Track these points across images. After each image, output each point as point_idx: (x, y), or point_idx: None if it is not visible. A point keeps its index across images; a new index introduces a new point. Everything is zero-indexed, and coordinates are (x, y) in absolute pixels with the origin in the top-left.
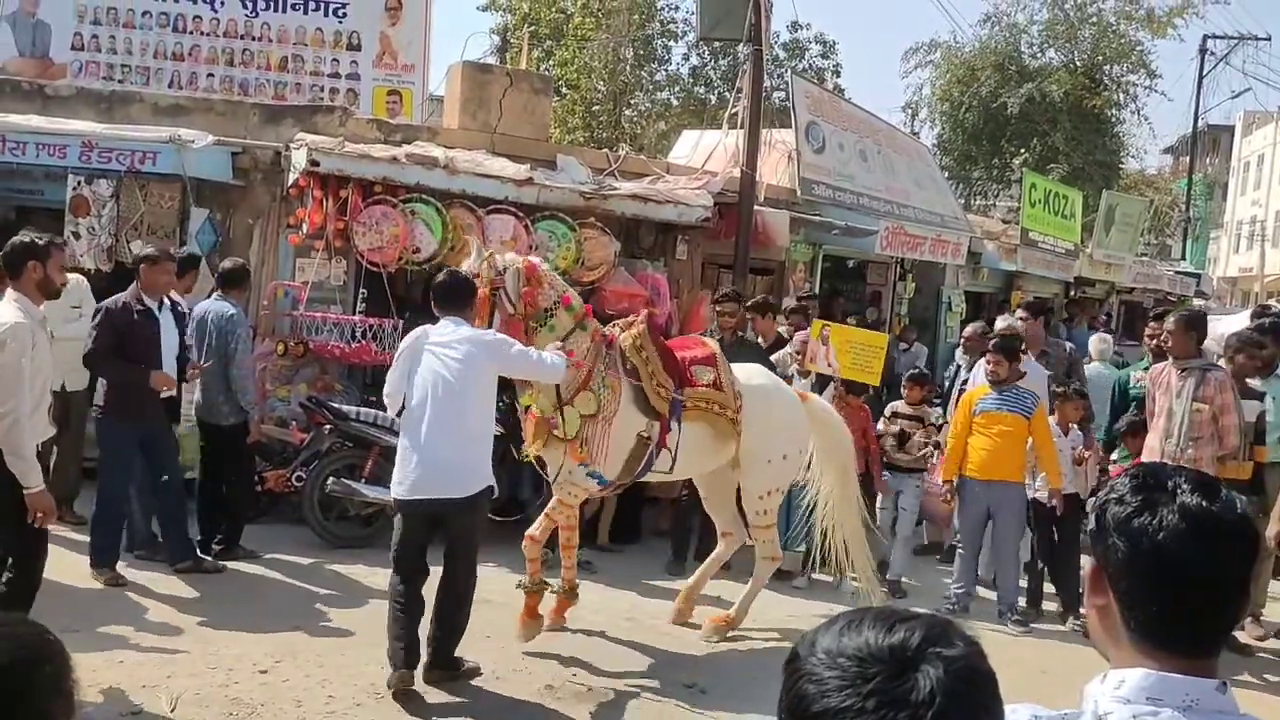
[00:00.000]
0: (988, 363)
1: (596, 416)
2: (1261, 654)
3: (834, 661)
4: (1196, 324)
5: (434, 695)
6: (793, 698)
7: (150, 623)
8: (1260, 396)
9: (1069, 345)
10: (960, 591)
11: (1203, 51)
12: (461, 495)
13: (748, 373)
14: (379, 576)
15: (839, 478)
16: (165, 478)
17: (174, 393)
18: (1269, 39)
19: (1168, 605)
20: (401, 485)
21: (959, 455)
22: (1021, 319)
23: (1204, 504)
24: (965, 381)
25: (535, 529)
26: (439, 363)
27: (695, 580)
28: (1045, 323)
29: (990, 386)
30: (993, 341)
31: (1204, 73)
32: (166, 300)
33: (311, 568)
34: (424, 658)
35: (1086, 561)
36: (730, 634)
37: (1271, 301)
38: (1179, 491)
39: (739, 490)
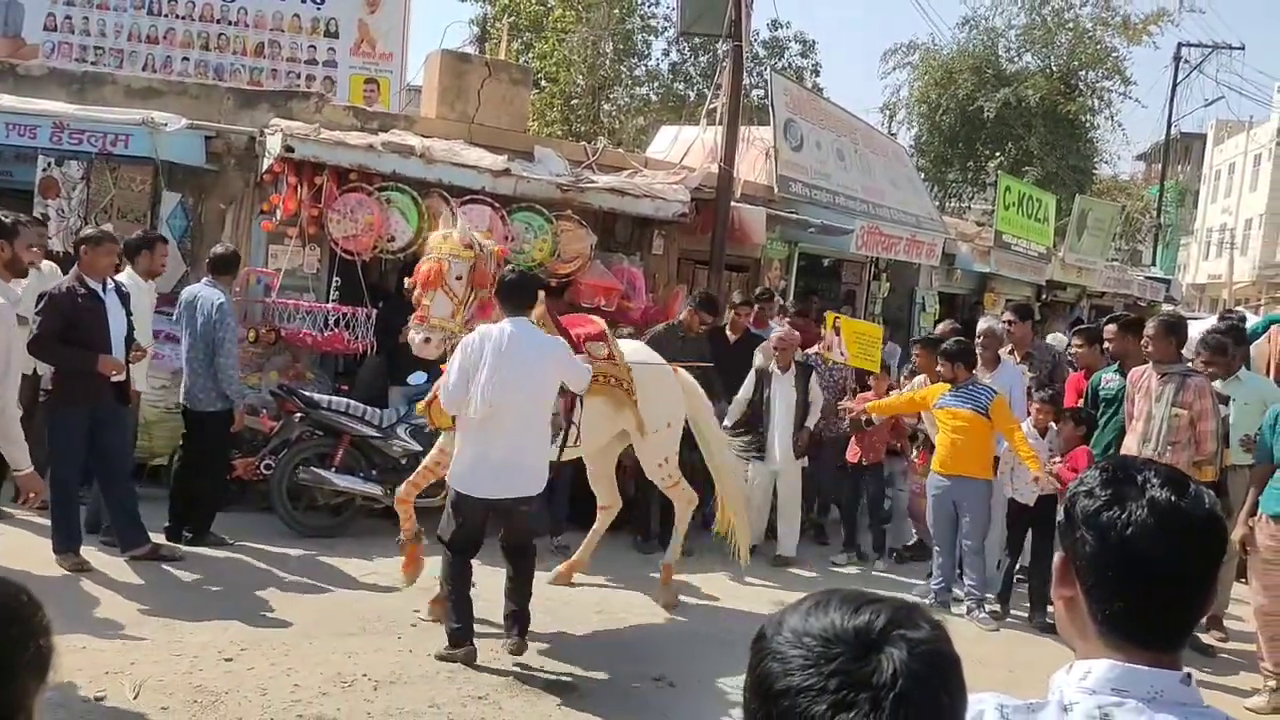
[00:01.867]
0: (939, 366)
1: None
2: (1223, 654)
3: (799, 641)
4: (1176, 329)
5: (403, 684)
6: (757, 676)
7: (114, 609)
8: (1225, 400)
9: (1055, 349)
10: (939, 586)
11: (1177, 59)
12: (530, 494)
13: (629, 349)
14: (349, 565)
15: (711, 438)
16: (113, 464)
17: (123, 377)
18: (1243, 48)
19: (1135, 599)
20: (465, 481)
21: (897, 406)
22: (1009, 321)
23: (1173, 499)
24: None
25: (404, 490)
26: (517, 370)
27: (583, 552)
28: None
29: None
30: (943, 347)
31: (1178, 80)
32: (110, 282)
33: (278, 556)
34: (512, 636)
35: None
36: (702, 626)
37: (1239, 308)
38: (1148, 486)
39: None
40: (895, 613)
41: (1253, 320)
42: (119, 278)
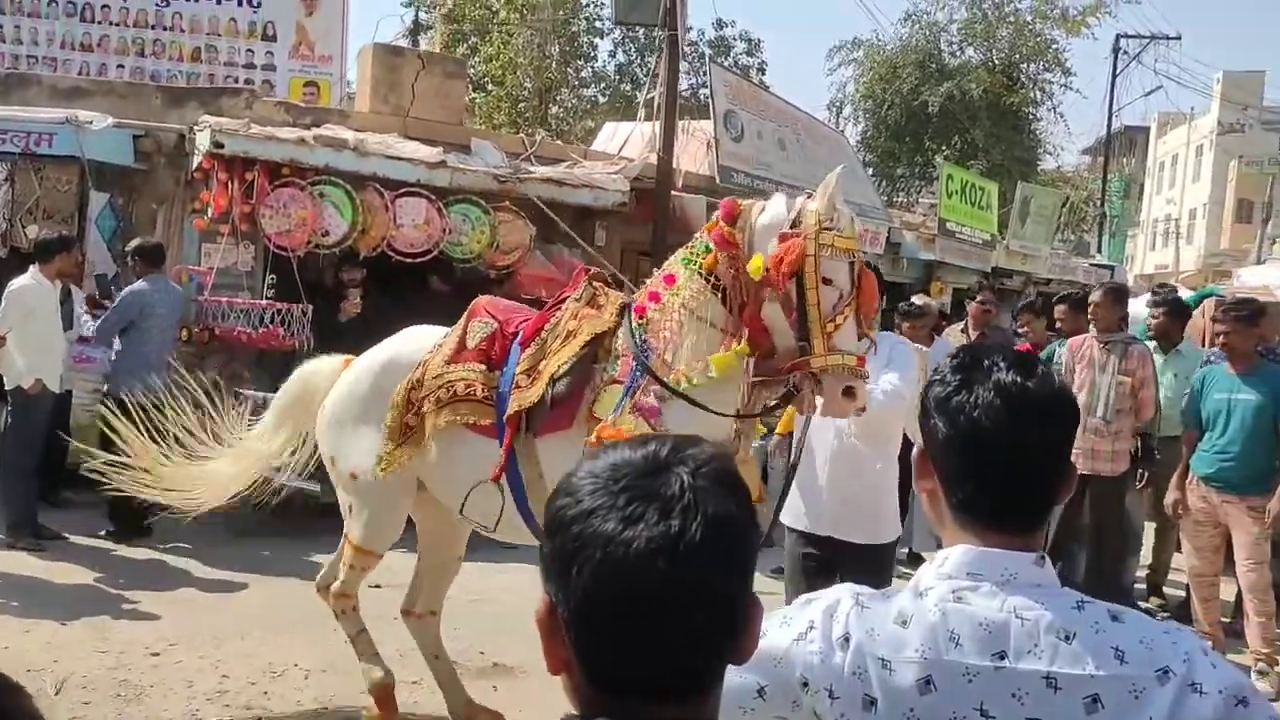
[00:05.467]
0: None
1: None
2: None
3: (588, 475)
4: (1122, 296)
5: (336, 673)
6: (550, 517)
7: (40, 609)
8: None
9: (1008, 331)
10: None
11: (1116, 50)
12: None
13: None
14: (288, 562)
15: None
16: None
17: None
18: (1179, 38)
19: (985, 480)
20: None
21: None
22: (986, 302)
23: (1019, 380)
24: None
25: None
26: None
27: None
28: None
29: None
30: None
31: (1117, 71)
32: None
33: (215, 555)
34: None
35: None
36: None
37: (1171, 282)
38: (995, 369)
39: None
40: (679, 441)
41: (1184, 294)
42: (22, 279)
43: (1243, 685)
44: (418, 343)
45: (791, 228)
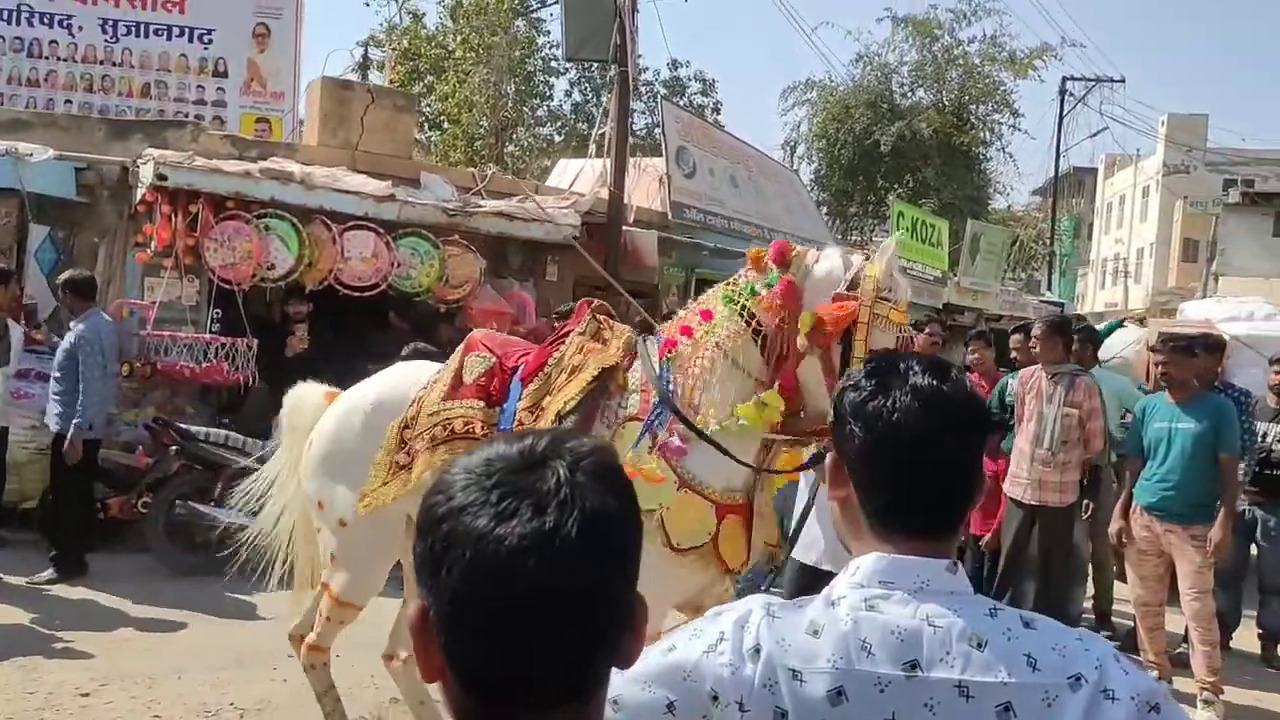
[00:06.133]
0: None
1: None
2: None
3: (463, 471)
4: (1060, 329)
5: (271, 711)
6: (421, 515)
7: None
8: None
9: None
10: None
11: (1062, 93)
12: None
13: None
14: (227, 601)
15: None
16: None
17: None
18: (1124, 81)
19: (902, 486)
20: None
21: None
22: (932, 334)
23: (935, 383)
24: None
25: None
26: None
27: None
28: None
29: None
30: None
31: (1064, 113)
32: None
33: (153, 594)
34: None
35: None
36: None
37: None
38: (911, 373)
39: None
40: (557, 434)
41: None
42: None
43: (1155, 691)
44: (410, 379)
45: (848, 289)
